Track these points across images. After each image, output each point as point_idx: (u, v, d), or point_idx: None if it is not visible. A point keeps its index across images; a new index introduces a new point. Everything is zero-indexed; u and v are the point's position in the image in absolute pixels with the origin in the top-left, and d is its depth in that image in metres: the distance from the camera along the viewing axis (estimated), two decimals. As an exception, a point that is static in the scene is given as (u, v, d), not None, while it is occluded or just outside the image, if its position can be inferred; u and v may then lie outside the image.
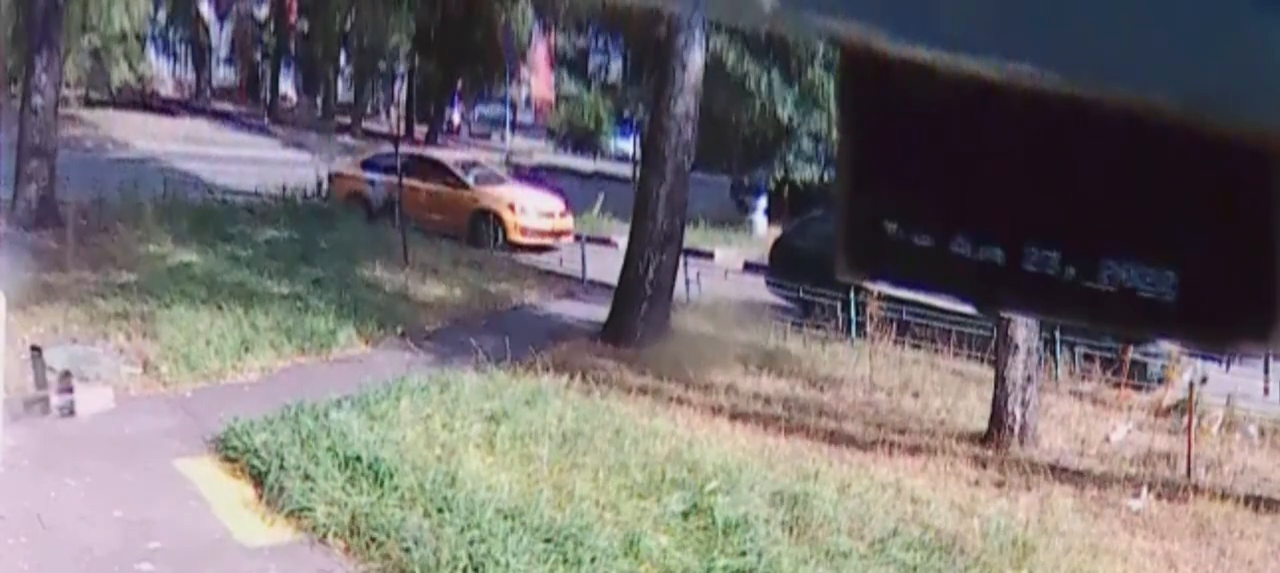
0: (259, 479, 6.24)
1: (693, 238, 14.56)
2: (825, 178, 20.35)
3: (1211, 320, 0.43)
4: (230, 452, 6.59)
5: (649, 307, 10.82)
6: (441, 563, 5.36)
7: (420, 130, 30.93)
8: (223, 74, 35.29)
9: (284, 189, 16.68)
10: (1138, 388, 10.02)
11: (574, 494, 6.20)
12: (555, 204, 17.00)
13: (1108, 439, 8.77)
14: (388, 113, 31.67)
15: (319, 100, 33.44)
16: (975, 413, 8.98)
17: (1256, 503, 7.45)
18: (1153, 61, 0.35)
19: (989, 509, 6.93)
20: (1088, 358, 10.44)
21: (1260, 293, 0.41)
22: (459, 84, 31.58)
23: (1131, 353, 10.03)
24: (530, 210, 16.44)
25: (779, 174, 21.53)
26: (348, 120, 30.88)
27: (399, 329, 10.10)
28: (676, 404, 8.61)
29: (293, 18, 32.23)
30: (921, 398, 9.60)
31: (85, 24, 23.29)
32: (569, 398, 8.06)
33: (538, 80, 31.26)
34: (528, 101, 35.26)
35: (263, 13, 32.61)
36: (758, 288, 13.80)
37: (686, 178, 11.20)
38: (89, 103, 26.03)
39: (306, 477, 6.08)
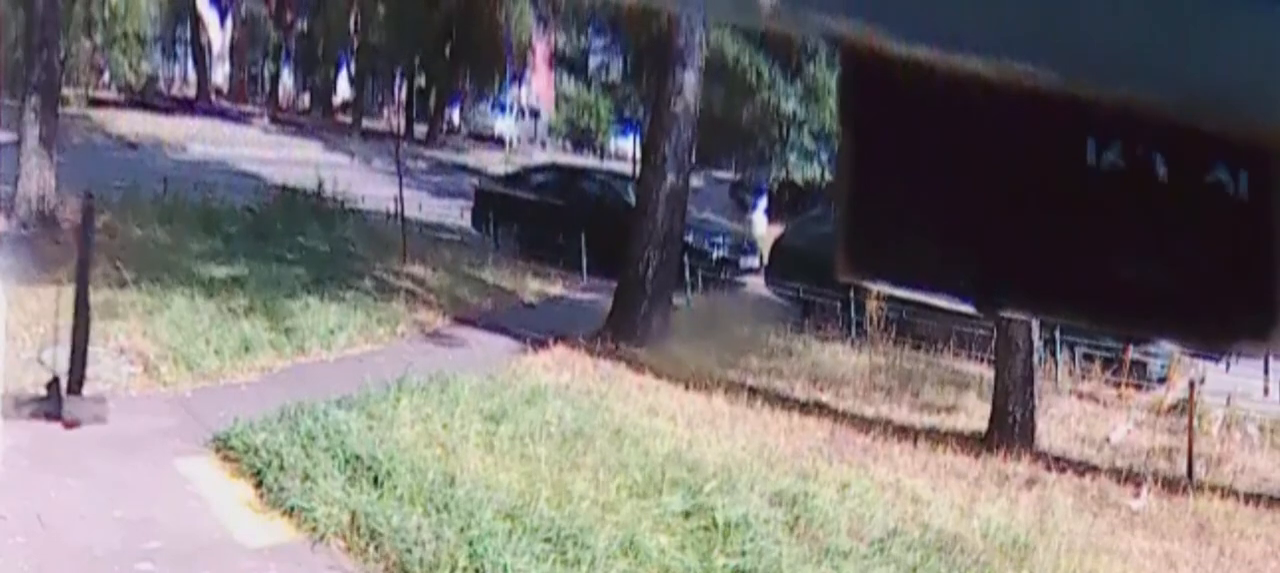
0: (259, 479, 6.23)
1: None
2: (826, 177, 20.38)
3: (1211, 320, 0.43)
4: (230, 452, 6.58)
5: (649, 305, 10.82)
6: (441, 563, 5.36)
7: (420, 130, 30.92)
8: (223, 74, 35.28)
9: (283, 188, 16.70)
10: (1138, 388, 10.02)
11: (573, 494, 6.20)
12: None
13: (1108, 439, 8.77)
14: (387, 113, 31.69)
15: (319, 100, 33.45)
16: (975, 413, 8.98)
17: (1257, 502, 7.46)
18: (1153, 61, 0.35)
19: (989, 509, 6.93)
20: (1088, 358, 10.44)
21: (1260, 293, 0.41)
22: (459, 84, 31.58)
23: (1131, 353, 10.03)
24: None
25: (779, 173, 21.55)
26: (348, 120, 30.87)
27: (399, 328, 10.11)
28: (676, 403, 8.61)
29: (293, 18, 32.22)
30: (921, 398, 9.60)
31: (88, 23, 23.31)
32: (569, 397, 8.06)
33: (538, 80, 31.25)
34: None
35: (264, 13, 32.62)
36: (758, 287, 13.81)
37: (687, 177, 11.21)
38: (93, 103, 26.06)
39: (306, 477, 6.08)
